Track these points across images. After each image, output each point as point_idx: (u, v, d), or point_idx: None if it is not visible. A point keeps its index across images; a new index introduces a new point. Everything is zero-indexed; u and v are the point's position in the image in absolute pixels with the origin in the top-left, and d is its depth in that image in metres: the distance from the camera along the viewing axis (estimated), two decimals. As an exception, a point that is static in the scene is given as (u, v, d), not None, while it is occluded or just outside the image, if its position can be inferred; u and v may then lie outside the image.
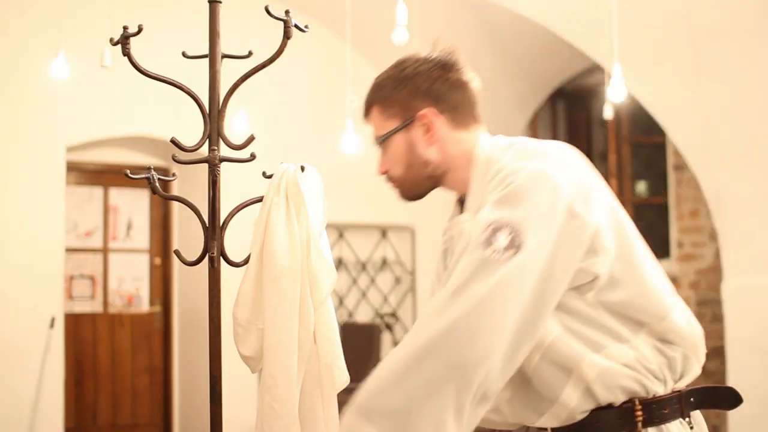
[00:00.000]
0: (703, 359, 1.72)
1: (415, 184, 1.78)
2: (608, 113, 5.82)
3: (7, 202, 6.39)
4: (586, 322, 1.62)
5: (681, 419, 1.67)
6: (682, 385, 1.69)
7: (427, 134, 1.74)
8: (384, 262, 7.80)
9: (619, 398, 1.64)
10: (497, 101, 7.29)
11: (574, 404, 1.64)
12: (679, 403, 1.67)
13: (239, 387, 7.01)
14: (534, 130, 8.15)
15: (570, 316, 1.62)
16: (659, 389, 1.65)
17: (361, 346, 6.68)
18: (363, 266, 7.72)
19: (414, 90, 1.74)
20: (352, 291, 7.65)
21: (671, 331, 1.65)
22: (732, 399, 1.73)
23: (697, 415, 1.73)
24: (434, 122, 1.73)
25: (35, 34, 6.40)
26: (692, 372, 1.70)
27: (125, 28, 1.79)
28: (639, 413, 1.63)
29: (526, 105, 7.91)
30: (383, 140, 1.77)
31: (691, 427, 1.69)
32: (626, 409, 1.63)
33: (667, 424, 1.66)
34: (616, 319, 1.63)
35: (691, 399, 1.69)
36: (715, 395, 1.73)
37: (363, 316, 7.65)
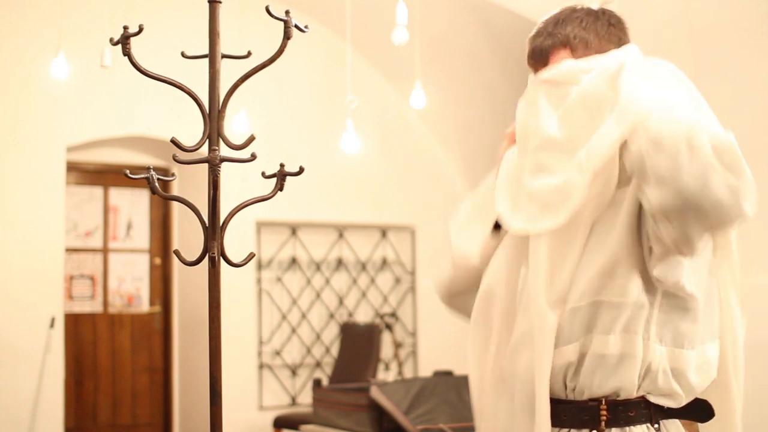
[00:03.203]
0: None
1: None
2: (608, 113, 5.81)
3: (7, 202, 6.39)
4: None
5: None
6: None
7: None
8: (384, 262, 7.80)
9: None
10: (496, 101, 7.29)
11: None
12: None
13: (239, 387, 7.01)
14: (534, 130, 8.14)
15: None
16: None
17: (361, 346, 6.67)
18: (363, 266, 7.72)
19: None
20: (352, 291, 7.65)
21: None
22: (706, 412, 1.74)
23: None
24: None
25: (35, 34, 6.40)
26: None
27: (125, 28, 1.79)
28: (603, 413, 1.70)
29: (526, 105, 7.90)
30: None
31: None
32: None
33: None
34: None
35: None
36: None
37: (363, 316, 7.65)
